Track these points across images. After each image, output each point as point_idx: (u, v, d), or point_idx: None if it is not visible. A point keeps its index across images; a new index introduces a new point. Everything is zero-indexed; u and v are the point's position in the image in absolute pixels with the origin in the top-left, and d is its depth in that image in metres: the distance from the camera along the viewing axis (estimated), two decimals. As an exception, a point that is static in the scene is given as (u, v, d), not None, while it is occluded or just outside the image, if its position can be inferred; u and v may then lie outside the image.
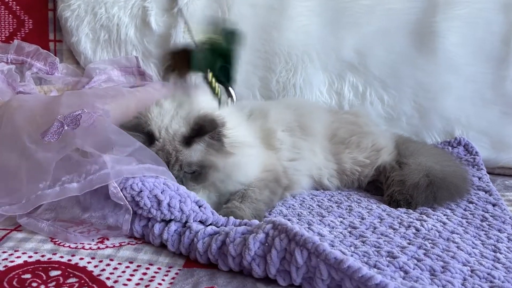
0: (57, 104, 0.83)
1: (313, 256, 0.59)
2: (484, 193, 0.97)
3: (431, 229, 0.78)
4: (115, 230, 0.73)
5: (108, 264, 0.65)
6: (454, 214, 0.86)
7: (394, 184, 0.92)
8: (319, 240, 0.59)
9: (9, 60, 1.21)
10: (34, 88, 1.15)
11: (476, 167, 1.12)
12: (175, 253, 0.70)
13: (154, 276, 0.63)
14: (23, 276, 0.61)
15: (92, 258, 0.67)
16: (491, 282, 0.63)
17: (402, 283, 0.59)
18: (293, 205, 0.89)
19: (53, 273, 0.63)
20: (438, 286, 0.61)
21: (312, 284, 0.60)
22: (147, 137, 0.80)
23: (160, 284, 0.62)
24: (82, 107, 0.79)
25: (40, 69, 1.23)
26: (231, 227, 0.69)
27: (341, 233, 0.75)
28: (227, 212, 0.77)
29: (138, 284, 0.61)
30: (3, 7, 1.30)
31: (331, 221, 0.79)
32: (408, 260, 0.67)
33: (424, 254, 0.69)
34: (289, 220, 0.78)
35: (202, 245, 0.66)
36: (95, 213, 0.75)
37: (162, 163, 0.77)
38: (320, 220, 0.79)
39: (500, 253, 0.72)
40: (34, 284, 0.60)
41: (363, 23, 1.23)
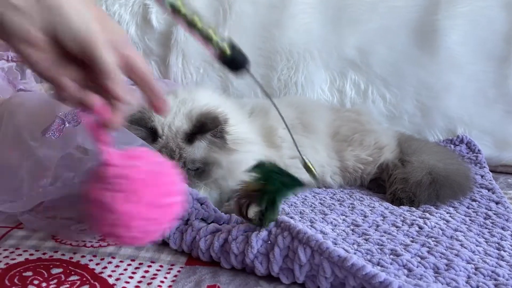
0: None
1: (316, 254, 0.58)
2: (487, 191, 0.96)
3: (434, 227, 0.78)
4: None
5: (109, 262, 0.65)
6: (457, 212, 0.86)
7: (397, 182, 0.92)
8: (322, 238, 0.59)
9: (9, 58, 1.21)
10: (35, 85, 1.15)
11: (479, 165, 1.11)
12: (177, 250, 0.69)
13: (156, 274, 0.63)
14: (24, 274, 0.61)
15: (94, 256, 0.66)
16: (496, 279, 0.63)
17: (406, 280, 0.58)
18: (295, 203, 0.88)
19: (54, 270, 0.62)
20: (442, 284, 0.60)
21: (315, 282, 0.60)
22: (150, 132, 0.79)
23: (162, 281, 0.61)
24: None
25: (41, 67, 1.23)
26: (234, 224, 0.68)
27: (343, 231, 0.74)
28: (229, 210, 0.77)
29: (140, 281, 0.61)
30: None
31: (334, 219, 0.79)
32: (411, 257, 0.66)
33: (428, 252, 0.68)
34: (291, 218, 0.77)
35: (205, 243, 0.66)
36: None
37: None
38: (322, 218, 0.79)
39: (504, 250, 0.71)
40: (36, 281, 0.60)
41: (365, 21, 1.22)
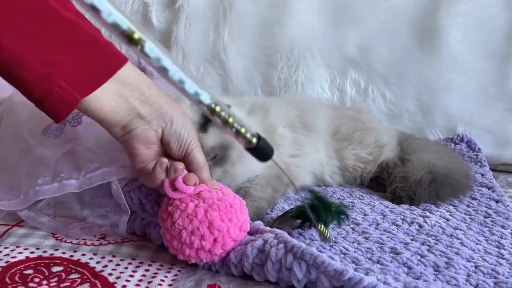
0: None
1: (312, 269, 0.57)
2: (487, 189, 0.96)
3: (434, 225, 0.78)
4: (114, 229, 0.72)
5: (110, 261, 0.65)
6: (457, 211, 0.86)
7: (397, 181, 0.92)
8: (316, 251, 0.58)
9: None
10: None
11: (479, 163, 1.11)
12: (178, 249, 0.69)
13: (156, 273, 0.63)
14: (25, 272, 0.61)
15: (94, 254, 0.66)
16: (495, 278, 0.63)
17: (406, 283, 0.58)
18: (295, 202, 0.88)
19: (55, 268, 0.62)
20: (442, 282, 0.61)
21: (315, 286, 0.59)
22: None
23: (162, 280, 0.61)
24: None
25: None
26: None
27: (343, 229, 0.75)
28: None
29: (140, 280, 0.61)
30: (3, 3, 1.29)
31: (334, 217, 0.79)
32: (411, 256, 0.67)
33: (428, 250, 0.69)
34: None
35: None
36: (96, 210, 0.75)
37: None
38: (322, 217, 0.79)
39: (504, 249, 0.71)
40: (36, 279, 0.60)
41: (365, 19, 1.22)
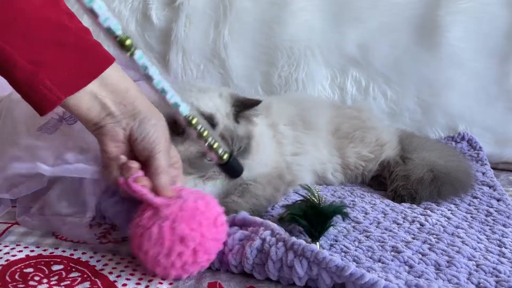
0: None
1: (313, 265, 0.58)
2: (488, 188, 0.96)
3: (436, 224, 0.78)
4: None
5: (110, 259, 0.65)
6: (458, 209, 0.85)
7: (398, 179, 0.92)
8: (317, 248, 0.59)
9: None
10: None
11: (480, 162, 1.11)
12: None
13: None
14: (25, 270, 0.61)
15: (95, 253, 0.66)
16: (497, 276, 0.63)
17: (407, 280, 0.58)
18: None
19: (55, 267, 0.62)
20: (444, 281, 0.61)
21: (316, 283, 0.59)
22: (208, 122, 0.74)
23: (163, 278, 0.61)
24: None
25: (40, 63, 1.22)
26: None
27: (344, 228, 0.74)
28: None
29: (141, 279, 0.61)
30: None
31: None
32: (412, 254, 0.66)
33: (429, 249, 0.68)
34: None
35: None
36: (74, 208, 0.73)
37: None
38: (323, 215, 0.79)
39: (506, 247, 0.71)
40: (37, 278, 0.59)
41: (366, 17, 1.22)
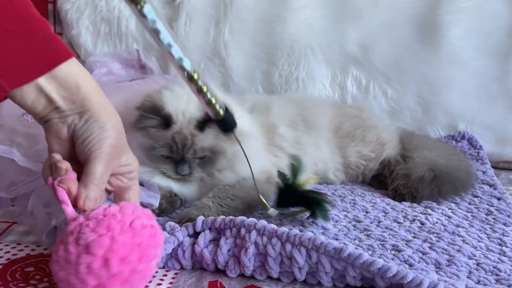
0: None
1: (312, 252, 0.58)
2: (488, 187, 0.96)
3: (436, 222, 0.77)
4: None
5: (111, 257, 0.65)
6: (459, 208, 0.85)
7: (399, 178, 0.92)
8: (313, 234, 0.59)
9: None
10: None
11: (480, 161, 1.11)
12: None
13: (157, 271, 0.62)
14: (26, 269, 0.61)
15: (95, 251, 0.66)
16: (497, 275, 0.62)
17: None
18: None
19: (56, 266, 0.62)
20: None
21: (316, 277, 0.60)
22: (163, 120, 0.78)
23: (164, 275, 0.61)
24: None
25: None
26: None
27: (345, 226, 0.74)
28: (182, 218, 0.71)
29: (141, 277, 0.61)
30: (3, 0, 1.29)
31: (335, 214, 0.79)
32: (413, 253, 0.66)
33: (429, 248, 0.68)
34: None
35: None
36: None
37: None
38: (324, 214, 0.79)
39: (506, 246, 0.71)
40: (37, 277, 0.59)
41: (366, 16, 1.22)
